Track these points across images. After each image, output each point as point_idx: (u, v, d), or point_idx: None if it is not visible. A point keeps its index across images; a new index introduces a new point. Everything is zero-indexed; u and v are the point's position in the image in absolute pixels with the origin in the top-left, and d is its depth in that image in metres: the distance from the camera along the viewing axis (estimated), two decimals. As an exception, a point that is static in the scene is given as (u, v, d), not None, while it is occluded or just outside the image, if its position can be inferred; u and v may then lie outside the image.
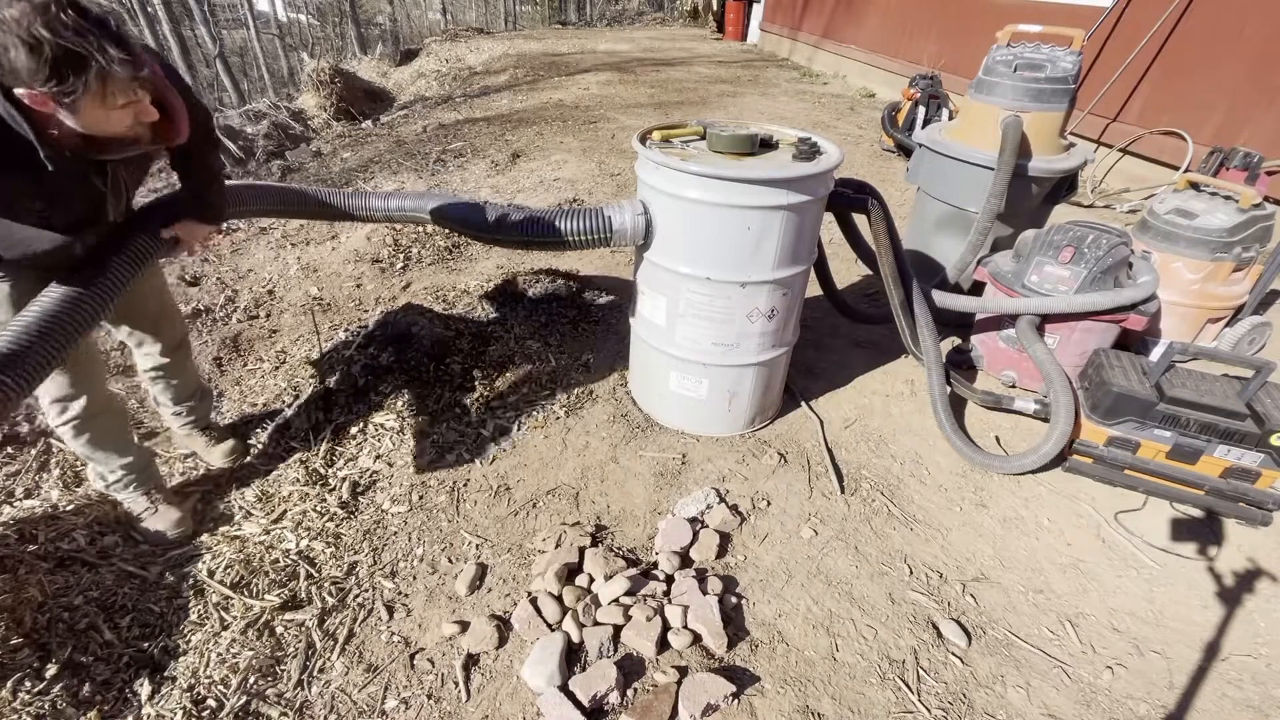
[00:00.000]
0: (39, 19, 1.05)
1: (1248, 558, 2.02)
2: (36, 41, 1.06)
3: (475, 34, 14.83)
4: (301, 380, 2.59)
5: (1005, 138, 2.60)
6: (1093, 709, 1.59)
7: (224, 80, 12.30)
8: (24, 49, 1.05)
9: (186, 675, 1.59)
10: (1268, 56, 4.09)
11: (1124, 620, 1.82)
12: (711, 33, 14.33)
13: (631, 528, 2.04)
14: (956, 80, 5.96)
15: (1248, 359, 1.99)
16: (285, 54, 16.76)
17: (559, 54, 11.29)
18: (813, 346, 2.99)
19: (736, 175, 1.84)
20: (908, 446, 2.42)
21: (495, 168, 5.26)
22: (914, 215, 3.29)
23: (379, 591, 1.82)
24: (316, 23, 19.58)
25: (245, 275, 3.46)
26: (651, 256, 2.11)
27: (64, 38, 1.07)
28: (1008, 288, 2.58)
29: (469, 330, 2.84)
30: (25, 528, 1.92)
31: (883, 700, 1.58)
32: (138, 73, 1.17)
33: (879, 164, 5.56)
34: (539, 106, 7.40)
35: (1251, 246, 2.72)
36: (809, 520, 2.08)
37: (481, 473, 2.24)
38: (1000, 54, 2.77)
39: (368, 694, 1.57)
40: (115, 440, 1.87)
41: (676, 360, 2.25)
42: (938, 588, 1.88)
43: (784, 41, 11.22)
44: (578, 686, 1.52)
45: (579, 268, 3.57)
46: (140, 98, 1.24)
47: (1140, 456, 2.14)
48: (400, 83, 10.32)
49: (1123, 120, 5.06)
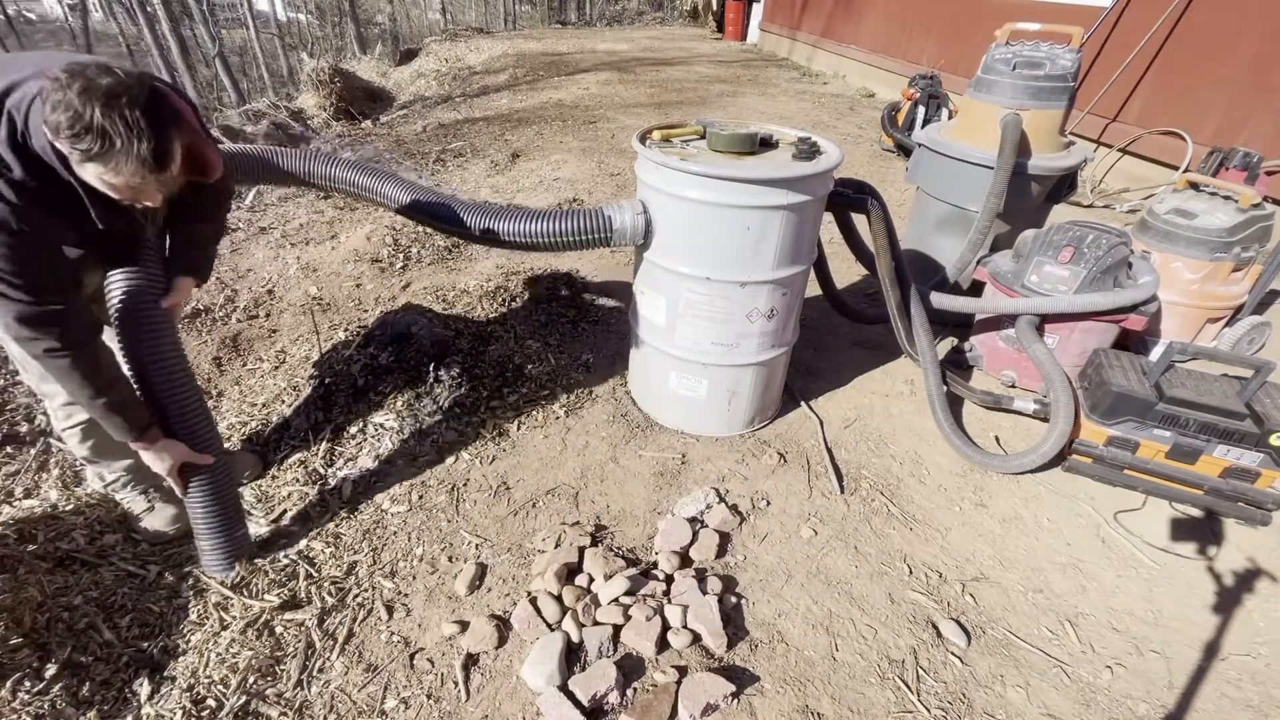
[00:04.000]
0: (98, 101, 1.15)
1: (1247, 557, 2.02)
2: (80, 114, 1.15)
3: (475, 34, 14.82)
4: (301, 380, 2.59)
5: (1005, 136, 2.60)
6: (1092, 709, 1.59)
7: (223, 80, 12.30)
8: (67, 113, 1.14)
9: (186, 675, 1.59)
10: (1267, 56, 4.09)
11: (1123, 620, 1.82)
12: (711, 32, 14.33)
13: (631, 528, 2.04)
14: (956, 80, 5.96)
15: (1247, 359, 1.99)
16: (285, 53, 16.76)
17: (559, 54, 11.29)
18: (812, 346, 2.99)
19: (736, 175, 1.84)
20: (907, 446, 2.42)
21: (495, 167, 5.26)
22: (914, 215, 3.29)
23: (379, 591, 1.82)
24: (316, 22, 19.58)
25: (244, 275, 3.46)
26: (651, 256, 2.11)
27: (110, 121, 1.16)
28: (1007, 287, 2.58)
29: (469, 330, 2.84)
30: (25, 527, 1.91)
31: (882, 700, 1.58)
32: (159, 173, 1.26)
33: (879, 164, 5.56)
34: (539, 106, 7.39)
35: (1251, 246, 2.72)
36: (809, 520, 2.08)
37: (481, 473, 2.24)
38: (999, 52, 2.77)
39: (367, 694, 1.57)
40: (119, 444, 1.86)
41: (676, 360, 2.25)
42: (937, 587, 1.88)
43: (783, 41, 11.22)
44: (577, 686, 1.52)
45: (579, 268, 3.57)
46: (147, 187, 1.30)
47: (1140, 456, 2.14)
48: (400, 82, 10.32)
49: (1122, 120, 5.06)
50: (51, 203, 1.32)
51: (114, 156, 1.19)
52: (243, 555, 1.85)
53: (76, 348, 1.44)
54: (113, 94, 1.16)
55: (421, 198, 2.22)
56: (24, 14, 23.28)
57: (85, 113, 1.14)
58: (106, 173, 1.22)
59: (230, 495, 1.81)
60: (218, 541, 1.79)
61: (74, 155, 1.20)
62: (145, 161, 1.21)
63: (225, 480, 1.79)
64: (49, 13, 24.68)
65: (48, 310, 1.38)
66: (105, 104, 1.15)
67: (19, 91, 1.27)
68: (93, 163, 1.20)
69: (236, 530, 1.83)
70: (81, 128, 1.15)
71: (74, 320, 1.44)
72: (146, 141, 1.19)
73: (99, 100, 1.14)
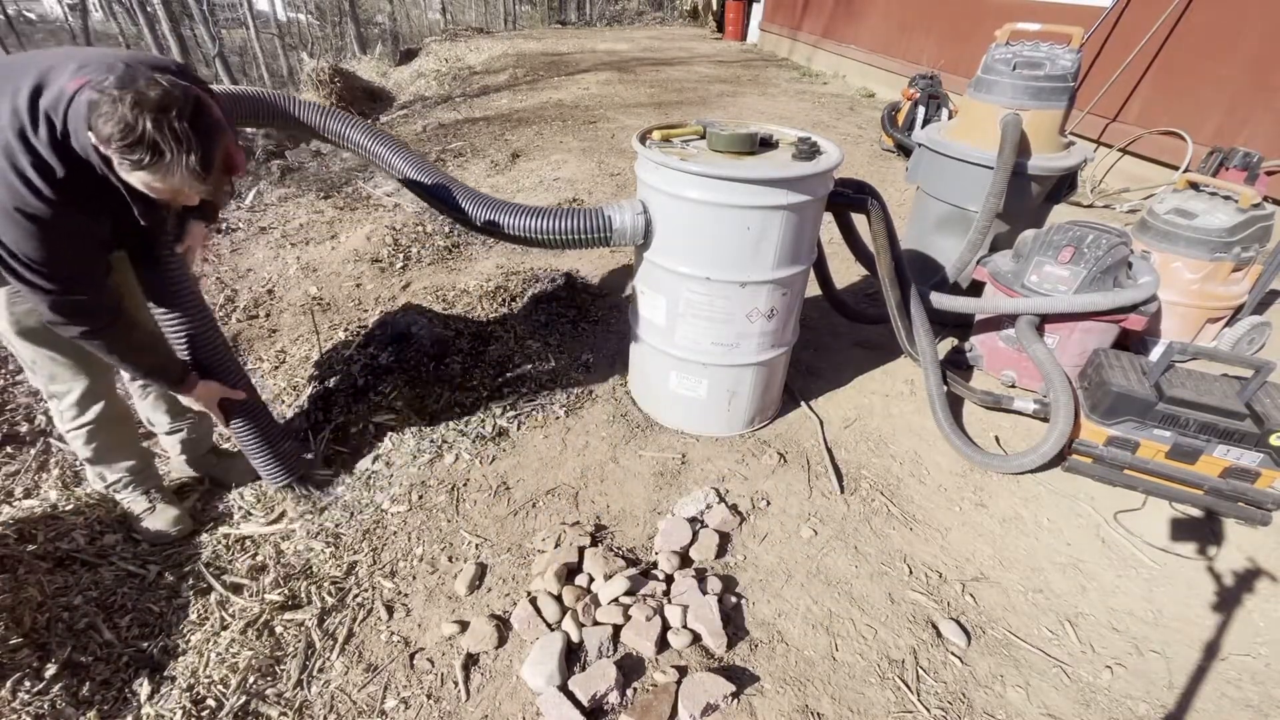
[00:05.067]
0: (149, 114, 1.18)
1: (1247, 557, 2.02)
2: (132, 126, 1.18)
3: (475, 34, 14.82)
4: (301, 380, 2.59)
5: (1004, 136, 2.60)
6: (1092, 709, 1.59)
7: (223, 79, 12.30)
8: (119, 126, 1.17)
9: (186, 675, 1.59)
10: (1267, 56, 4.09)
11: (1123, 620, 1.82)
12: (711, 32, 14.33)
13: (631, 527, 2.04)
14: (956, 80, 5.96)
15: (1247, 359, 1.99)
16: (285, 53, 16.77)
17: (558, 54, 11.29)
18: (812, 346, 2.99)
19: (736, 175, 1.84)
20: (907, 446, 2.42)
21: (495, 167, 5.26)
22: (914, 215, 3.29)
23: (378, 591, 1.82)
24: (316, 22, 19.58)
25: (244, 275, 3.46)
26: (651, 256, 2.11)
27: (160, 133, 1.19)
28: (1007, 288, 2.58)
29: (469, 330, 2.84)
30: (24, 527, 1.91)
31: (882, 700, 1.58)
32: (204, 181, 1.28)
33: (879, 164, 5.56)
34: (539, 106, 7.39)
35: (1251, 246, 2.72)
36: (809, 520, 2.08)
37: (481, 473, 2.24)
38: (999, 52, 2.77)
39: (367, 694, 1.57)
40: (123, 446, 1.93)
41: (676, 360, 2.25)
42: (937, 587, 1.88)
43: (784, 41, 11.22)
44: (577, 686, 1.52)
45: (579, 268, 3.57)
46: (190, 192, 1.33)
47: (1140, 456, 2.14)
48: (400, 82, 10.32)
49: (1122, 120, 5.06)
50: (91, 200, 1.36)
51: (164, 166, 1.23)
52: (297, 470, 2.07)
53: (108, 328, 1.54)
54: (163, 107, 1.19)
55: (429, 178, 2.21)
56: (24, 14, 23.29)
57: (137, 125, 1.18)
58: (154, 180, 1.26)
59: (266, 418, 2.00)
60: (268, 458, 1.99)
61: (124, 165, 1.24)
62: (194, 171, 1.25)
63: (259, 408, 1.99)
64: (49, 13, 24.68)
65: (80, 300, 1.46)
66: (156, 117, 1.19)
67: (51, 91, 1.29)
68: (142, 171, 1.24)
69: (281, 445, 2.02)
70: (134, 139, 1.19)
71: (104, 306, 1.53)
72: (195, 153, 1.23)
73: (150, 113, 1.18)
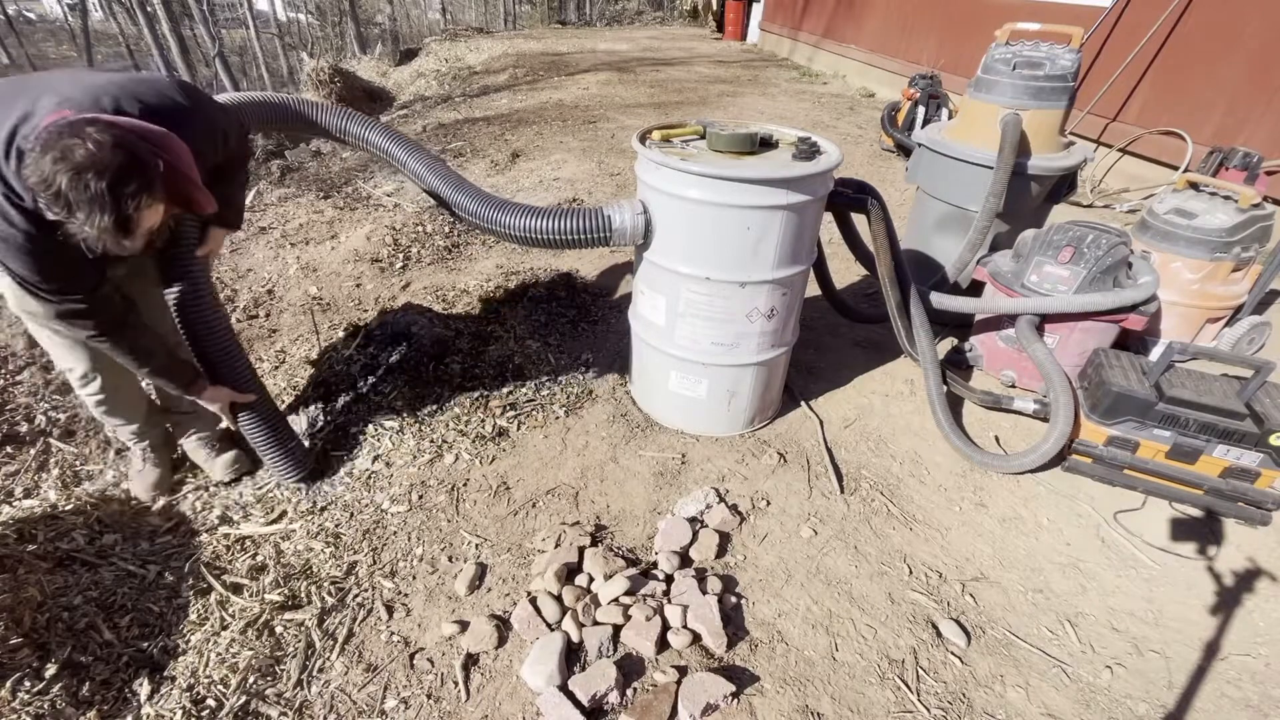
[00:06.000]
0: (67, 172, 1.21)
1: (1247, 557, 2.02)
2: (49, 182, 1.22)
3: (475, 33, 14.83)
4: (301, 380, 2.59)
5: (1004, 135, 2.60)
6: (1092, 709, 1.59)
7: (223, 79, 12.31)
8: (38, 178, 1.22)
9: (186, 675, 1.59)
10: (1267, 56, 4.09)
11: (1123, 620, 1.82)
12: (711, 32, 14.33)
13: (631, 527, 2.04)
14: (956, 80, 5.96)
15: (1247, 359, 1.99)
16: (285, 53, 16.77)
17: (558, 54, 11.29)
18: (812, 346, 2.99)
19: (736, 175, 1.84)
20: (907, 446, 2.42)
21: (495, 167, 5.26)
22: (913, 215, 3.29)
23: (378, 591, 1.82)
24: (316, 22, 19.58)
25: (244, 275, 3.46)
26: (651, 256, 2.11)
27: (75, 192, 1.21)
28: (1007, 287, 2.58)
29: (469, 330, 2.84)
30: (24, 527, 1.91)
31: (882, 700, 1.59)
32: (121, 240, 1.30)
33: (879, 164, 5.56)
34: (539, 106, 7.39)
35: (1251, 246, 2.72)
36: (808, 520, 2.08)
37: (481, 473, 2.24)
38: (999, 52, 2.77)
39: (367, 694, 1.57)
40: (125, 410, 2.01)
41: (676, 360, 2.25)
42: (937, 587, 1.88)
43: (784, 41, 11.22)
44: (577, 686, 1.52)
45: (579, 267, 3.57)
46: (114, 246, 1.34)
47: (1139, 456, 2.14)
48: (400, 82, 10.32)
49: (1122, 120, 5.06)
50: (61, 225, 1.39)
51: (76, 223, 1.25)
52: (307, 466, 2.14)
53: (113, 330, 1.62)
54: (82, 167, 1.21)
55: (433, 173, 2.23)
56: (24, 14, 23.28)
57: (54, 181, 1.20)
58: (72, 231, 1.28)
59: (275, 418, 2.07)
60: (277, 456, 2.07)
61: (48, 212, 1.27)
62: (106, 231, 1.27)
63: (269, 409, 2.05)
64: (49, 13, 24.67)
65: (76, 306, 1.54)
66: (73, 176, 1.20)
67: (30, 124, 1.32)
68: (60, 221, 1.27)
69: (289, 444, 2.09)
70: (50, 194, 1.22)
71: (103, 310, 1.59)
72: (108, 215, 1.24)
73: (68, 172, 1.20)
